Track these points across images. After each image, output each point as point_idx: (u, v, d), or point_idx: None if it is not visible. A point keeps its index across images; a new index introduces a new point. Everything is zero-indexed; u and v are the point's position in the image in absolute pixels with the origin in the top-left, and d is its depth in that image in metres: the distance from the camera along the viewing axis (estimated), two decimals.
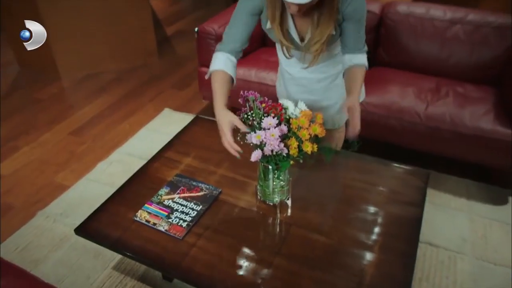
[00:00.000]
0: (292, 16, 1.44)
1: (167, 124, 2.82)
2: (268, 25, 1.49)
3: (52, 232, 1.98)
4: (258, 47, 2.65)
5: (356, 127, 1.39)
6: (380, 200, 1.58)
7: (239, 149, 1.31)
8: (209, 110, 2.97)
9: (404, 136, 2.15)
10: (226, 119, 1.33)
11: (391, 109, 2.14)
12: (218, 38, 2.43)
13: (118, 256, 1.84)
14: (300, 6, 1.26)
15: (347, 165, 1.83)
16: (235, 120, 1.32)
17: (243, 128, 1.32)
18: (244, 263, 1.34)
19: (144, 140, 2.66)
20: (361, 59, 1.52)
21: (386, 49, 2.48)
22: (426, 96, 2.15)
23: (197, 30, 2.47)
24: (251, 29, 1.48)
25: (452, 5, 2.41)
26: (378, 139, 2.28)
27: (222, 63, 1.47)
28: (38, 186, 2.30)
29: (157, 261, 1.36)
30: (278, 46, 1.69)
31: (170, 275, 1.64)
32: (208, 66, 2.56)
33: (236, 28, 1.48)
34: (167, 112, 2.99)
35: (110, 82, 3.43)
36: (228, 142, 1.32)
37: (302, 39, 1.50)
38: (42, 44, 3.59)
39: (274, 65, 2.34)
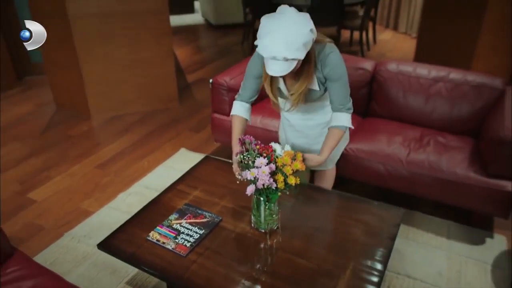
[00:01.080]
0: None
1: (182, 162, 3.13)
2: (265, 85, 1.86)
3: (76, 250, 2.27)
4: (263, 98, 2.98)
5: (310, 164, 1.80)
6: (358, 232, 1.83)
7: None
8: (220, 151, 3.30)
9: (389, 179, 2.40)
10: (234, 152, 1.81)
11: (377, 155, 2.41)
12: (229, 89, 2.79)
13: (131, 273, 2.11)
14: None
15: (333, 201, 2.09)
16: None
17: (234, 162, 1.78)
18: (236, 278, 1.59)
19: (161, 176, 2.97)
20: (343, 120, 1.87)
21: (378, 102, 2.79)
22: (410, 144, 2.42)
23: (212, 81, 2.85)
24: (258, 86, 1.94)
25: (442, 65, 2.71)
26: (368, 182, 2.53)
27: (238, 109, 1.98)
28: (66, 211, 2.62)
29: (164, 273, 1.63)
30: (280, 99, 2.05)
31: (174, 285, 1.88)
32: (219, 112, 2.96)
33: (247, 86, 1.96)
34: (183, 152, 3.32)
35: (134, 123, 3.81)
36: (234, 168, 1.81)
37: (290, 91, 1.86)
38: (78, 88, 4.05)
39: (276, 113, 2.68)
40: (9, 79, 4.57)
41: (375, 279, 1.58)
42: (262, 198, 1.69)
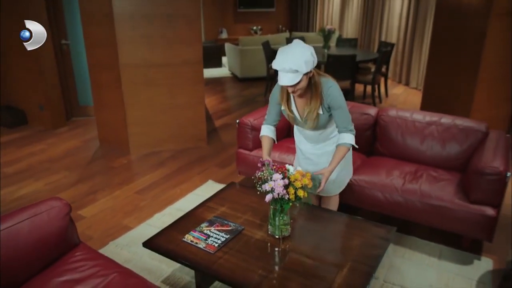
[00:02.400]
0: (294, 98, 2.34)
1: (210, 191, 3.54)
2: (282, 108, 2.39)
3: (119, 255, 2.69)
4: (282, 138, 3.48)
5: (321, 185, 2.26)
6: (356, 242, 2.21)
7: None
8: (244, 183, 3.74)
9: (386, 205, 2.78)
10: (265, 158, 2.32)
11: (377, 185, 2.81)
12: (253, 128, 3.29)
13: (165, 274, 2.51)
14: (290, 86, 2.13)
15: (337, 220, 2.49)
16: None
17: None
18: (254, 269, 1.98)
19: (191, 201, 3.40)
20: (347, 139, 2.34)
21: (381, 142, 3.22)
22: (406, 176, 2.82)
23: (238, 121, 3.36)
24: (279, 110, 2.45)
25: (442, 113, 3.14)
26: (369, 208, 2.91)
27: (266, 131, 2.49)
28: (110, 225, 3.07)
29: (196, 264, 2.04)
30: (295, 129, 2.52)
31: (204, 274, 2.24)
32: (244, 148, 3.46)
33: (271, 112, 2.49)
34: (210, 183, 3.78)
35: (167, 159, 4.32)
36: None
37: (302, 116, 2.34)
38: (121, 127, 4.64)
39: (292, 150, 3.14)
40: (60, 119, 5.24)
41: (367, 275, 1.95)
42: (277, 208, 2.12)
